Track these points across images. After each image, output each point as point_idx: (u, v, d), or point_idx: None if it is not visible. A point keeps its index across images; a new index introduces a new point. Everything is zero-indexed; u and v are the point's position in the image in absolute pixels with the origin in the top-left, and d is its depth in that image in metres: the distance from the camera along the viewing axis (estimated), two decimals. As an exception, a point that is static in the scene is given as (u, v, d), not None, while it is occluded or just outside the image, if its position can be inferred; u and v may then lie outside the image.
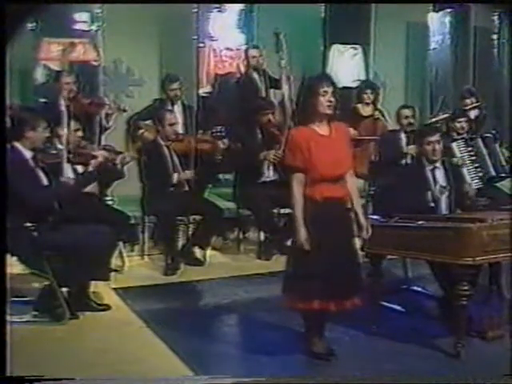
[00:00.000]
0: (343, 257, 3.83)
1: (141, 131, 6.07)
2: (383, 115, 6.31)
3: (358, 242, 4.06)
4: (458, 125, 6.23)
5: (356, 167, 4.18)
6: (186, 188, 5.85)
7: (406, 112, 6.33)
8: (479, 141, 6.21)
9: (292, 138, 3.85)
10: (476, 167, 6.09)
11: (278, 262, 5.59)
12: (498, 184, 6.23)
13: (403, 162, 5.98)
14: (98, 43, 7.13)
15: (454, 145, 6.08)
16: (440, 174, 4.90)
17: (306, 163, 3.73)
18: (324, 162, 3.75)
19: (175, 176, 5.79)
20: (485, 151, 6.17)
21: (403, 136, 6.24)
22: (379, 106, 7.00)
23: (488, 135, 6.33)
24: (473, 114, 6.70)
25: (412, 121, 6.28)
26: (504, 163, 6.21)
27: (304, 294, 3.78)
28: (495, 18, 8.52)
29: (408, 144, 6.11)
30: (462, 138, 6.18)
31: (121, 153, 5.46)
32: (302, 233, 3.71)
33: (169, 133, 5.87)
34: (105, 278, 4.74)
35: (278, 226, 6.15)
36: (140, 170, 5.84)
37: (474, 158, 6.12)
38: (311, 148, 3.74)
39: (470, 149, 6.14)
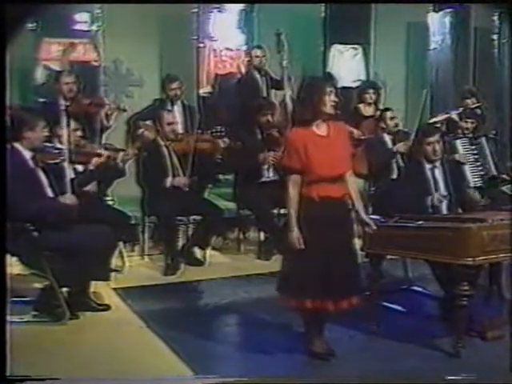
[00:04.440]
0: (341, 256, 3.83)
1: (140, 131, 6.06)
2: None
3: (357, 242, 4.07)
4: (464, 124, 6.27)
5: (356, 167, 4.18)
6: (186, 188, 5.85)
7: (390, 114, 6.32)
8: (483, 140, 6.23)
9: (289, 140, 3.91)
10: (478, 166, 6.11)
11: (278, 262, 5.59)
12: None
13: (400, 161, 5.97)
14: (98, 43, 7.14)
15: (458, 142, 6.11)
16: (439, 173, 4.90)
17: (302, 164, 3.75)
18: (321, 163, 3.76)
19: (169, 180, 5.79)
20: (488, 151, 6.19)
21: (387, 138, 6.24)
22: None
23: (492, 135, 6.34)
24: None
25: (397, 122, 6.28)
26: (506, 165, 6.23)
27: (296, 293, 3.80)
28: (495, 18, 8.50)
29: (394, 143, 6.12)
30: (467, 137, 6.20)
31: (122, 150, 5.46)
32: (295, 232, 3.75)
33: (168, 132, 5.86)
34: (105, 278, 4.74)
35: (277, 226, 6.13)
36: (137, 171, 5.82)
37: (476, 156, 6.14)
38: (308, 149, 3.75)
39: (473, 147, 6.16)
